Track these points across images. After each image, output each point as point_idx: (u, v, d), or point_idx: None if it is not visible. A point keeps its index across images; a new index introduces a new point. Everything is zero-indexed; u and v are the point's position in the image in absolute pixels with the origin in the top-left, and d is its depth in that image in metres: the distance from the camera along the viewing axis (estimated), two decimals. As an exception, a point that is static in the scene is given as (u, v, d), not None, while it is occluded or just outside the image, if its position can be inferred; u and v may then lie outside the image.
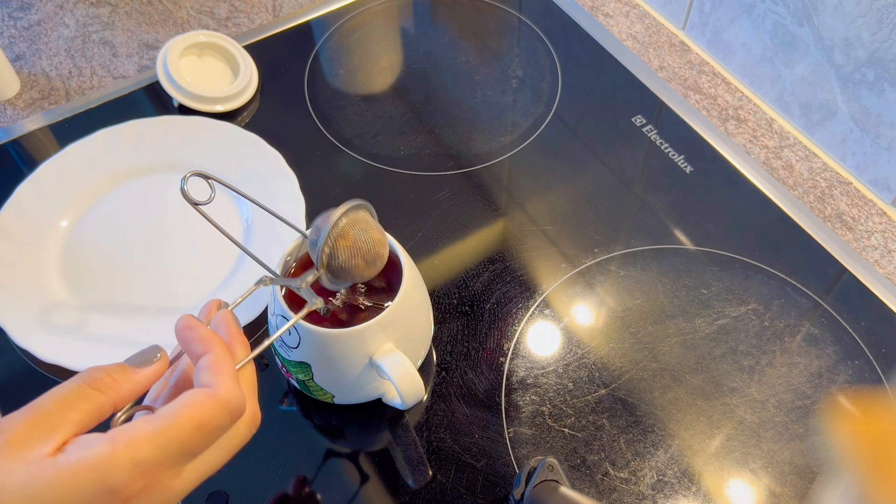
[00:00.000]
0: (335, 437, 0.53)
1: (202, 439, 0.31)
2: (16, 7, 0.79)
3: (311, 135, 0.69)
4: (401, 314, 0.46)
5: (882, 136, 0.63)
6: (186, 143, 0.66)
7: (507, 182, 0.66)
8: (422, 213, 0.64)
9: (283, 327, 0.41)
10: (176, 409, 0.30)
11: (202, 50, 0.72)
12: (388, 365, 0.45)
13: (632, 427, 0.53)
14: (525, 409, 0.53)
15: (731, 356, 0.56)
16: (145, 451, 0.29)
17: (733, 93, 0.73)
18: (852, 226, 0.64)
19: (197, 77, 0.70)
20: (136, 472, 0.29)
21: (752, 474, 0.51)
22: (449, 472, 0.51)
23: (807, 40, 0.65)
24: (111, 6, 0.80)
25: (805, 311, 0.58)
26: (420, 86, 0.73)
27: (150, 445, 0.29)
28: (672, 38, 0.77)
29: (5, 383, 0.55)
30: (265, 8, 0.80)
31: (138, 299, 0.58)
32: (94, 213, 0.63)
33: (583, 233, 0.62)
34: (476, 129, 0.70)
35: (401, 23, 0.80)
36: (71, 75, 0.74)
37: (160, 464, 0.30)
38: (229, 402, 0.32)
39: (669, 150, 0.68)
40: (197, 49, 0.72)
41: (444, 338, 0.57)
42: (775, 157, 0.68)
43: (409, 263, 0.48)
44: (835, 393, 0.54)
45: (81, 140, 0.65)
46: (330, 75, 0.74)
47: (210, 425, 0.31)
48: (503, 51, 0.76)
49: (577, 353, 0.56)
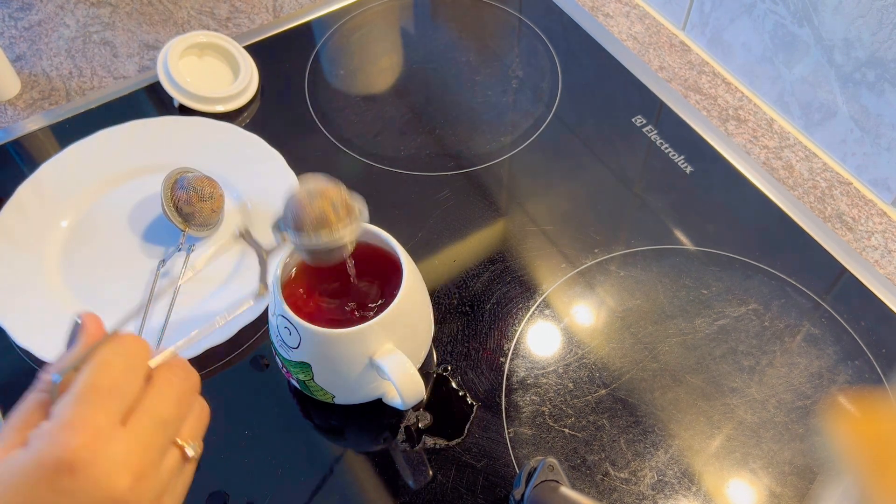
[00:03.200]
0: (335, 437, 0.53)
1: (110, 375, 0.31)
2: (16, 7, 0.79)
3: (311, 135, 0.69)
4: (401, 314, 0.46)
5: (882, 137, 0.63)
6: (186, 143, 0.66)
7: (507, 182, 0.66)
8: (422, 213, 0.64)
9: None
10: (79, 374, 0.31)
11: (202, 50, 0.72)
12: (388, 365, 0.45)
13: (632, 427, 0.53)
14: (525, 409, 0.53)
15: (731, 356, 0.56)
16: (66, 410, 0.30)
17: (733, 93, 0.73)
18: (852, 226, 0.64)
19: (197, 77, 0.70)
20: (68, 433, 0.29)
21: (752, 474, 0.51)
22: (449, 472, 0.51)
23: (807, 40, 0.65)
24: (112, 6, 0.80)
25: (805, 312, 0.58)
26: (420, 86, 0.73)
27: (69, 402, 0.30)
28: (672, 38, 0.77)
29: (5, 383, 0.55)
30: (265, 8, 0.80)
31: (138, 299, 0.58)
32: (94, 213, 0.63)
33: (583, 233, 0.62)
34: (476, 129, 0.70)
35: (401, 23, 0.80)
36: (71, 76, 0.74)
37: (90, 414, 0.30)
38: (122, 336, 0.33)
39: (669, 150, 0.68)
40: (197, 49, 0.72)
41: (444, 338, 0.57)
42: (775, 158, 0.68)
43: (409, 263, 0.48)
44: (835, 393, 0.54)
45: (81, 140, 0.65)
46: (330, 75, 0.74)
47: (110, 360, 0.31)
48: (503, 51, 0.76)
49: (577, 354, 0.56)
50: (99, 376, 0.31)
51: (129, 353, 0.33)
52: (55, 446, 0.29)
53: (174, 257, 0.59)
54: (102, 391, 0.31)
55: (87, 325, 0.34)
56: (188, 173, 0.59)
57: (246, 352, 0.56)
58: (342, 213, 0.42)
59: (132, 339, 0.33)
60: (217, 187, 0.60)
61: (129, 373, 0.32)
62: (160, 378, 0.33)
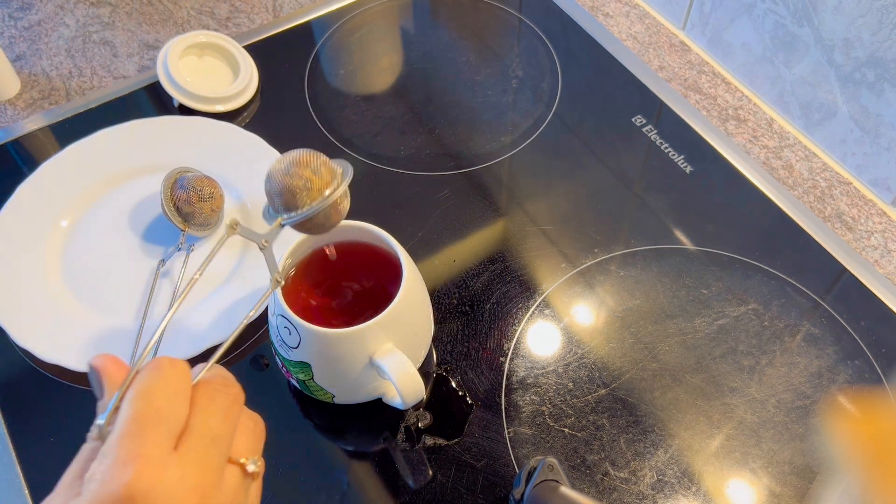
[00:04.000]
0: (335, 437, 0.53)
1: (152, 400, 0.30)
2: (16, 7, 0.79)
3: (311, 135, 0.69)
4: (401, 314, 0.46)
5: (882, 136, 0.63)
6: (186, 143, 0.66)
7: (507, 182, 0.66)
8: (422, 213, 0.64)
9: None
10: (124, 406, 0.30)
11: (202, 50, 0.72)
12: (388, 365, 0.45)
13: (632, 427, 0.53)
14: (525, 409, 0.53)
15: (731, 356, 0.56)
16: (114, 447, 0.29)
17: (733, 93, 0.73)
18: (852, 226, 0.64)
19: (197, 77, 0.70)
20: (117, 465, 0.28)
21: (752, 474, 0.51)
22: (449, 472, 0.51)
23: (807, 40, 0.65)
24: (111, 6, 0.80)
25: (805, 311, 0.58)
26: (420, 86, 0.73)
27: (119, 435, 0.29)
28: (672, 38, 0.77)
29: (5, 383, 0.55)
30: (265, 8, 0.80)
31: (138, 299, 0.58)
32: (94, 213, 0.63)
33: (583, 233, 0.62)
34: (476, 129, 0.70)
35: (401, 23, 0.80)
36: (71, 75, 0.74)
37: (139, 445, 0.29)
38: (158, 361, 0.32)
39: (669, 150, 0.68)
40: (197, 49, 0.72)
41: (444, 338, 0.57)
42: (775, 157, 0.68)
43: (409, 263, 0.48)
44: (835, 393, 0.54)
45: (81, 140, 0.65)
46: (330, 75, 0.74)
47: (149, 388, 0.30)
48: (503, 51, 0.76)
49: (577, 353, 0.56)
50: (140, 406, 0.30)
51: (167, 376, 0.31)
52: (108, 485, 0.28)
53: (174, 257, 0.59)
54: (147, 421, 0.29)
55: (104, 367, 0.33)
56: (188, 173, 0.59)
57: (246, 352, 0.56)
58: (325, 174, 0.41)
59: (169, 362, 0.32)
60: (217, 187, 0.60)
61: (172, 397, 0.31)
62: (201, 395, 0.32)
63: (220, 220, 0.61)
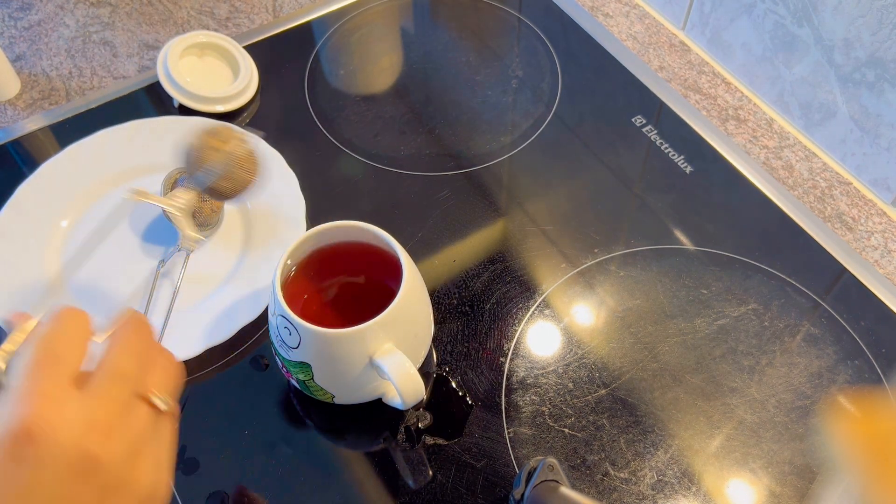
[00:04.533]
0: (335, 437, 0.53)
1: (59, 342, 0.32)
2: (16, 7, 0.79)
3: (311, 135, 0.69)
4: (401, 314, 0.46)
5: (882, 136, 0.63)
6: (186, 143, 0.66)
7: (507, 182, 0.66)
8: (422, 213, 0.64)
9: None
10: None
11: (202, 50, 0.72)
12: (388, 365, 0.45)
13: (632, 427, 0.53)
14: (525, 409, 0.53)
15: (731, 356, 0.56)
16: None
17: (733, 93, 0.73)
18: (852, 226, 0.64)
19: (197, 77, 0.70)
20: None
21: (752, 474, 0.51)
22: (449, 472, 0.51)
23: (807, 40, 0.65)
24: (111, 6, 0.80)
25: (805, 311, 0.58)
26: (420, 86, 0.73)
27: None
28: (672, 38, 0.77)
29: (5, 383, 0.55)
30: (265, 8, 0.80)
31: (138, 299, 0.58)
32: (94, 213, 0.63)
33: (583, 233, 0.62)
34: (476, 129, 0.70)
35: (401, 23, 0.80)
36: (71, 75, 0.74)
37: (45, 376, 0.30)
38: (58, 311, 0.33)
39: (669, 150, 0.68)
40: (197, 49, 0.72)
41: (444, 338, 0.57)
42: (775, 157, 0.68)
43: (409, 263, 0.48)
44: (835, 393, 0.54)
45: (81, 140, 0.65)
46: (330, 75, 0.74)
47: (47, 333, 0.32)
48: (503, 51, 0.76)
49: (577, 353, 0.56)
50: (39, 350, 0.31)
51: (66, 324, 0.32)
52: (7, 423, 0.29)
53: (174, 257, 0.59)
54: (45, 363, 0.31)
55: (15, 319, 0.34)
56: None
57: (246, 352, 0.56)
58: (224, 134, 0.46)
59: (69, 311, 0.33)
60: None
61: (69, 342, 0.32)
62: (114, 336, 0.33)
63: (220, 221, 0.61)
